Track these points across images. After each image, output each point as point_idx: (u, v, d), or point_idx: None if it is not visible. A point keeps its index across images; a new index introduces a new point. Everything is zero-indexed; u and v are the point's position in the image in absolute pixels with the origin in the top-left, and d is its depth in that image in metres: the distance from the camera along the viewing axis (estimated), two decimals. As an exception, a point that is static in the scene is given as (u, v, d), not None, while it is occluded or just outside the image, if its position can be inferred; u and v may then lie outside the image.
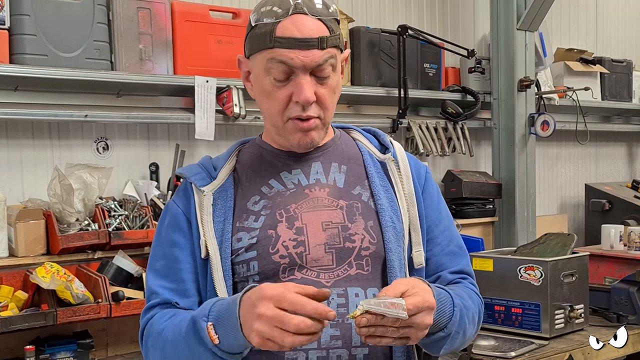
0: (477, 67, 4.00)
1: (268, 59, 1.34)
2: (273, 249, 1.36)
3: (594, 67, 4.58)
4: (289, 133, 1.40)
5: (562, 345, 2.78)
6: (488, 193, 3.91)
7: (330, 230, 1.39)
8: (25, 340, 2.47)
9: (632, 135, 5.26)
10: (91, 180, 2.67)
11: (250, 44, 1.39)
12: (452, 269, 1.49)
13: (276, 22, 1.33)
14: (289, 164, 1.46)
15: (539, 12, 3.88)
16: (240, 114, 3.00)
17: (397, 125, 3.64)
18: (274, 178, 1.45)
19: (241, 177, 1.46)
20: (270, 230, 1.38)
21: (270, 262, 1.36)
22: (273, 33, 1.33)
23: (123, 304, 2.47)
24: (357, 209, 1.42)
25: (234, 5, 3.26)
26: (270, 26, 1.33)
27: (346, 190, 1.44)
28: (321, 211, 1.41)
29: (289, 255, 1.36)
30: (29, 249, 2.52)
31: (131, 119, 2.86)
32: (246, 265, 1.38)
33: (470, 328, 1.42)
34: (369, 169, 1.48)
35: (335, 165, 1.47)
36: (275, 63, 1.34)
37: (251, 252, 1.37)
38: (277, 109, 1.37)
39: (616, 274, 3.38)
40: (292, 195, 1.42)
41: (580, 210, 4.85)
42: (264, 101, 1.40)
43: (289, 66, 1.33)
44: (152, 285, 1.43)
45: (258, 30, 1.36)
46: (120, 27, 2.79)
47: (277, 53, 1.33)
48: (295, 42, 1.32)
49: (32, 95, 2.67)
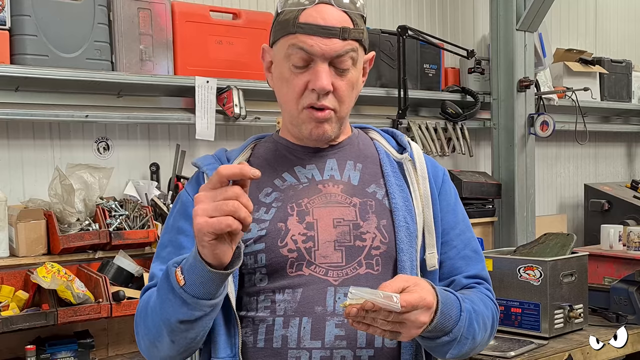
0: (476, 68, 4.01)
1: (289, 45, 1.34)
2: (282, 242, 1.34)
3: (593, 68, 4.59)
4: (303, 122, 1.38)
5: (562, 345, 2.78)
6: (487, 193, 3.91)
7: (341, 227, 1.37)
8: (26, 340, 2.48)
9: (631, 136, 5.27)
10: (92, 181, 2.67)
11: (275, 31, 1.40)
12: (466, 273, 1.46)
13: (301, 9, 1.34)
14: (303, 158, 1.45)
15: (538, 13, 3.88)
16: (241, 114, 3.00)
17: (397, 125, 3.65)
18: (288, 172, 1.43)
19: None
20: (280, 223, 1.36)
21: (278, 255, 1.34)
22: (296, 19, 1.33)
23: (124, 304, 2.47)
24: (370, 207, 1.40)
25: (234, 5, 3.27)
26: (294, 12, 1.34)
27: (360, 188, 1.43)
28: (333, 207, 1.39)
29: (298, 249, 1.34)
30: (29, 248, 2.52)
31: (132, 119, 2.87)
32: (254, 257, 1.35)
33: (482, 334, 1.39)
34: (385, 168, 1.46)
35: (350, 163, 1.46)
36: (295, 49, 1.33)
37: (259, 244, 1.35)
38: (293, 96, 1.37)
39: (615, 273, 3.39)
40: (305, 189, 1.41)
41: (579, 211, 4.85)
42: (282, 88, 1.39)
43: (309, 53, 1.33)
44: (153, 269, 1.40)
45: (283, 17, 1.37)
46: (121, 27, 2.80)
47: (299, 39, 1.33)
48: (317, 29, 1.32)
49: (32, 95, 2.67)
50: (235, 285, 1.35)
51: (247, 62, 3.10)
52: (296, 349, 1.30)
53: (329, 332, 1.30)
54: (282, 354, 1.32)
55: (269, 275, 1.35)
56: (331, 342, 1.31)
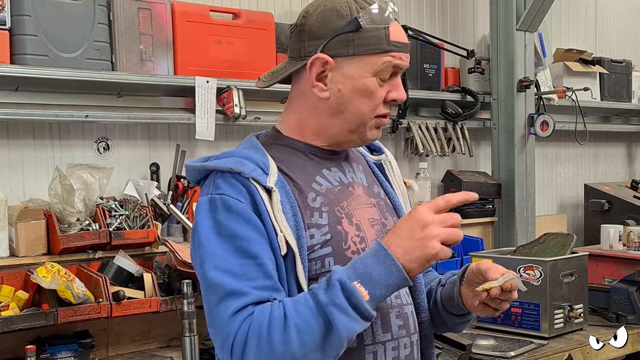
0: (476, 68, 4.01)
1: (384, 62, 1.40)
2: (345, 244, 1.40)
3: (594, 68, 4.59)
4: (370, 129, 1.45)
5: (562, 345, 2.79)
6: (487, 193, 3.91)
7: (376, 226, 1.47)
8: (26, 340, 2.48)
9: (631, 136, 5.27)
10: (92, 180, 2.67)
11: (358, 45, 1.39)
12: None
13: (387, 27, 1.40)
14: (323, 161, 1.47)
15: (538, 13, 3.88)
16: (241, 114, 3.00)
17: (397, 125, 3.65)
18: (318, 175, 1.45)
19: (287, 173, 1.41)
20: (338, 227, 1.40)
21: (345, 257, 1.38)
22: (388, 37, 1.40)
23: (124, 304, 2.48)
24: (382, 206, 1.51)
25: (234, 5, 3.27)
26: (383, 30, 1.39)
27: (371, 189, 1.52)
28: (364, 208, 1.47)
29: (358, 250, 1.40)
30: (29, 248, 2.52)
31: (132, 119, 2.87)
32: (321, 261, 1.37)
33: None
34: (373, 169, 1.58)
35: (355, 165, 1.53)
36: (389, 66, 1.40)
37: (326, 248, 1.38)
38: (371, 107, 1.42)
39: (615, 273, 3.39)
40: (341, 192, 1.45)
41: (579, 210, 4.85)
42: (360, 98, 1.41)
43: (400, 68, 1.42)
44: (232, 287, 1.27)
45: (369, 33, 1.39)
46: (121, 27, 2.80)
47: (395, 56, 1.40)
48: (404, 47, 1.42)
49: (32, 95, 2.67)
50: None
51: (247, 62, 3.10)
52: (372, 345, 1.38)
53: (394, 324, 1.42)
54: (359, 350, 1.37)
55: None
56: (397, 332, 1.43)
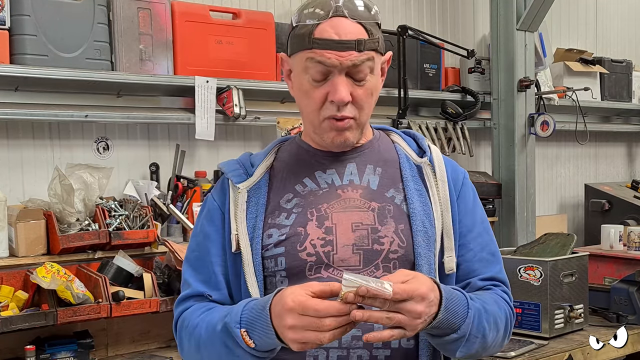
0: (477, 68, 4.00)
1: (306, 59, 1.37)
2: (301, 246, 1.39)
3: (594, 68, 4.59)
4: (324, 132, 1.42)
5: (562, 345, 2.78)
6: (488, 193, 3.91)
7: (359, 231, 1.40)
8: (25, 340, 2.47)
9: (632, 136, 5.27)
10: (91, 180, 2.67)
11: (291, 44, 1.41)
12: (482, 275, 1.48)
13: (316, 24, 1.36)
14: (323, 163, 1.48)
15: (538, 13, 3.88)
16: (241, 114, 3.00)
17: (397, 125, 3.64)
18: (308, 177, 1.46)
19: (277, 175, 1.49)
20: (299, 228, 1.40)
21: (297, 259, 1.38)
22: (312, 34, 1.36)
23: (123, 304, 2.48)
24: (388, 211, 1.43)
25: (234, 5, 3.27)
26: (310, 27, 1.36)
27: (379, 193, 1.45)
28: (352, 212, 1.42)
29: (316, 253, 1.38)
30: (29, 249, 2.52)
31: (131, 119, 2.87)
32: (274, 260, 1.40)
33: (493, 334, 1.39)
34: (404, 172, 1.48)
35: (370, 167, 1.48)
36: (313, 63, 1.36)
37: (279, 248, 1.40)
38: (313, 108, 1.40)
39: (616, 274, 3.38)
40: (325, 194, 1.44)
41: (579, 210, 4.85)
42: (302, 99, 1.42)
43: (326, 66, 1.35)
44: (186, 276, 1.49)
45: (298, 31, 1.38)
46: (121, 27, 2.80)
47: (315, 53, 1.35)
48: (332, 44, 1.35)
49: (32, 95, 2.67)
50: (260, 289, 1.40)
51: (247, 62, 3.10)
52: (314, 348, 1.33)
53: None
54: (300, 354, 1.35)
55: (289, 278, 1.39)
56: (348, 341, 1.35)
